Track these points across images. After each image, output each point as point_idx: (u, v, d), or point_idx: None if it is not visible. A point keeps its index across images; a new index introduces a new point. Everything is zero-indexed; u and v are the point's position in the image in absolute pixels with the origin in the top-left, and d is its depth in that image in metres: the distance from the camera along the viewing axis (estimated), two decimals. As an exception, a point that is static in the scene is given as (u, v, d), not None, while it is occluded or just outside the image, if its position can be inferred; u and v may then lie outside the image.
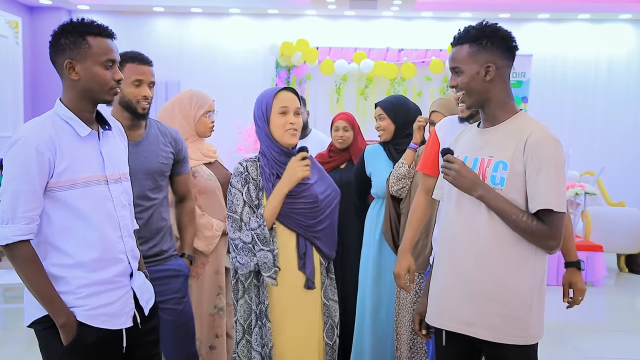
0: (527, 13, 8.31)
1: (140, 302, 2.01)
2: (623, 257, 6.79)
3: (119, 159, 2.02)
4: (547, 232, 1.84)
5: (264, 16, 8.64)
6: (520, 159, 1.86)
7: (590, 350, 4.38)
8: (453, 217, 2.01)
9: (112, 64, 1.91)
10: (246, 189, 2.29)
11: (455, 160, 1.94)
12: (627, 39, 8.56)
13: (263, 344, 2.26)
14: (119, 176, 1.98)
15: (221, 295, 2.98)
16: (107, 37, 1.92)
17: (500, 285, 1.90)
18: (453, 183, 1.94)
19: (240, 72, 8.60)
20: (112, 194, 1.94)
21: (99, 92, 1.91)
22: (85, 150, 1.90)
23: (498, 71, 1.91)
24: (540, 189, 1.82)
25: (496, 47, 1.91)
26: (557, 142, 1.86)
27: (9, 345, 4.35)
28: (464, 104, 1.98)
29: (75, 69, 1.88)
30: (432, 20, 8.58)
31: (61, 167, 1.83)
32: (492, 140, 1.94)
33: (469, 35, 1.92)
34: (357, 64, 8.24)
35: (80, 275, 1.86)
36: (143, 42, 8.60)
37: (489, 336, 1.92)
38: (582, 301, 2.45)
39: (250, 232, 2.23)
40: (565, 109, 8.48)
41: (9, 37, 6.86)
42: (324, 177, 2.43)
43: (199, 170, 2.94)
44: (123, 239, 1.95)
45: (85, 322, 1.86)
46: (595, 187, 7.23)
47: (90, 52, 1.87)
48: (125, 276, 1.96)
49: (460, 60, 1.93)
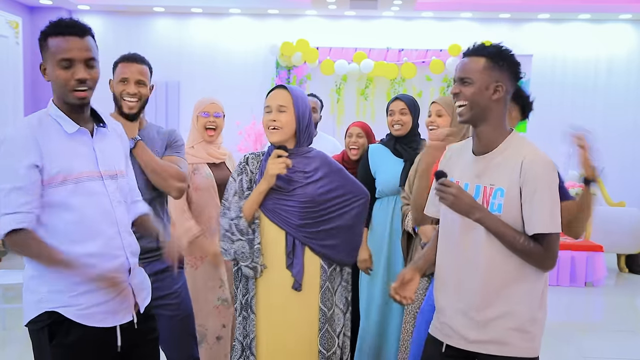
0: (527, 13, 8.30)
1: (137, 300, 2.00)
2: (623, 257, 6.79)
3: (115, 156, 2.01)
4: (544, 253, 1.88)
5: (264, 16, 8.64)
6: (516, 183, 1.88)
7: (590, 350, 4.38)
8: (451, 233, 2.02)
9: (71, 63, 1.84)
10: (239, 179, 2.35)
11: (451, 184, 1.93)
12: (627, 39, 8.56)
13: (245, 334, 2.29)
14: (114, 172, 1.97)
15: (223, 287, 3.09)
16: (70, 35, 1.84)
17: (504, 300, 1.91)
18: (451, 207, 1.93)
19: (240, 72, 8.60)
20: (108, 190, 1.93)
21: (63, 94, 1.88)
22: (75, 146, 1.89)
23: (504, 94, 1.94)
24: (535, 213, 1.85)
25: (509, 71, 1.94)
26: (549, 163, 1.89)
27: (9, 345, 4.36)
28: (462, 117, 1.96)
29: (46, 71, 1.90)
30: (432, 20, 8.58)
31: (49, 165, 1.83)
32: (490, 166, 1.94)
33: (488, 50, 1.94)
34: (357, 64, 8.23)
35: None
36: (143, 42, 8.60)
37: (498, 351, 1.93)
38: None
39: (229, 221, 2.29)
40: (565, 109, 8.47)
41: (9, 37, 6.86)
42: (335, 178, 2.37)
43: (199, 168, 3.09)
44: (120, 234, 1.94)
45: (79, 321, 1.85)
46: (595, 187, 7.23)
47: (49, 53, 1.87)
48: (123, 272, 1.93)
49: (472, 72, 1.92)
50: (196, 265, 3.08)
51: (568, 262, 6.07)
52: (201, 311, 3.05)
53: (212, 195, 3.10)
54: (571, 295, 5.80)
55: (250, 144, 8.45)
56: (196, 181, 3.07)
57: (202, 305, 3.06)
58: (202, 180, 3.08)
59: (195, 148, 3.13)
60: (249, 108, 8.27)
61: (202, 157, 3.12)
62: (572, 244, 6.06)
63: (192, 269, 3.07)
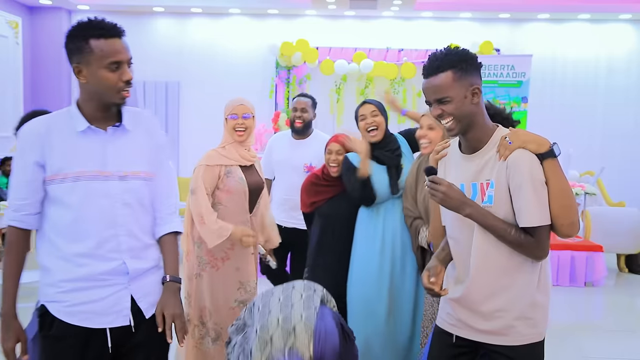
0: (527, 13, 8.31)
1: (139, 304, 1.94)
2: (623, 257, 6.78)
3: (131, 157, 1.95)
4: (535, 244, 1.91)
5: (264, 16, 8.64)
6: (504, 177, 1.90)
7: (590, 350, 4.38)
8: (451, 230, 2.07)
9: (119, 65, 1.86)
10: None
11: (441, 181, 1.94)
12: (627, 39, 8.56)
13: None
14: (125, 174, 1.93)
15: (241, 290, 3.13)
16: (112, 37, 1.86)
17: (503, 291, 1.96)
18: (441, 203, 1.97)
19: (240, 72, 8.60)
20: (111, 191, 1.90)
21: (106, 95, 1.89)
22: (82, 145, 1.89)
23: (479, 92, 1.93)
24: (523, 206, 1.87)
25: (474, 69, 1.93)
26: (532, 156, 1.89)
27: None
28: (452, 131, 1.95)
29: (82, 72, 1.87)
30: (432, 20, 8.58)
31: (52, 161, 1.86)
32: (482, 163, 1.96)
33: (450, 60, 1.90)
34: (357, 64, 8.24)
35: (64, 268, 1.87)
36: (143, 42, 8.60)
37: (504, 341, 1.96)
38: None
39: None
40: (565, 109, 8.48)
41: (9, 37, 6.87)
42: None
43: (232, 171, 3.09)
44: (118, 237, 1.90)
45: (63, 319, 1.87)
46: (595, 187, 7.23)
47: (93, 56, 1.84)
48: (118, 275, 1.90)
49: (445, 88, 1.89)
50: (217, 266, 3.10)
51: (568, 262, 6.06)
52: (219, 311, 3.09)
53: (242, 199, 3.10)
54: (571, 295, 5.80)
55: (250, 144, 8.45)
56: (228, 184, 3.07)
57: (220, 305, 3.10)
58: (235, 183, 3.08)
59: (226, 148, 3.13)
60: (248, 108, 8.28)
61: (234, 158, 3.11)
62: (572, 244, 6.06)
63: (212, 269, 3.09)
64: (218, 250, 3.06)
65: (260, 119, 8.77)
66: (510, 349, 1.96)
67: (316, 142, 3.96)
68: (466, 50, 1.96)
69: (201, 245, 3.10)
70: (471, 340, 2.03)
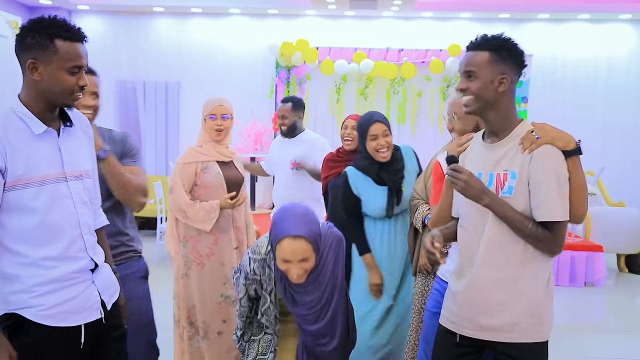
0: (527, 13, 8.31)
1: (103, 297, 1.98)
2: (623, 257, 6.78)
3: (81, 156, 1.97)
4: (552, 239, 1.92)
5: (264, 16, 8.64)
6: (526, 169, 1.92)
7: (590, 350, 4.38)
8: (465, 222, 2.07)
9: (79, 70, 1.86)
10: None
11: (462, 169, 1.97)
12: (627, 39, 8.56)
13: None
14: (79, 173, 1.94)
15: (227, 285, 3.16)
16: (77, 41, 1.85)
17: (511, 287, 1.96)
18: (461, 192, 1.98)
19: (240, 72, 8.60)
20: (72, 192, 1.90)
21: (59, 97, 1.86)
22: (41, 148, 1.86)
23: (510, 85, 1.96)
24: (544, 200, 1.89)
25: (513, 62, 1.96)
26: (559, 152, 1.92)
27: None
28: (468, 107, 2.00)
29: (38, 69, 1.82)
30: (432, 20, 8.58)
31: (14, 167, 1.79)
32: (502, 153, 1.98)
33: (491, 43, 1.96)
34: (357, 64, 8.24)
35: (35, 273, 1.83)
36: (143, 42, 8.61)
37: (510, 337, 1.97)
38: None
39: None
40: (565, 109, 8.48)
41: (9, 37, 6.86)
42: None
43: (209, 166, 3.16)
44: (83, 236, 1.92)
45: (41, 322, 1.84)
46: (595, 187, 7.24)
47: (56, 56, 1.81)
48: (85, 272, 1.93)
49: (477, 65, 1.95)
50: (202, 263, 3.14)
51: (568, 262, 6.06)
52: (206, 308, 3.13)
53: (220, 193, 3.15)
54: (571, 295, 5.80)
55: (250, 144, 8.45)
56: (205, 179, 3.13)
57: (208, 302, 3.13)
58: (211, 178, 3.14)
59: (204, 147, 3.19)
60: (249, 108, 8.27)
61: (211, 155, 3.18)
62: (572, 244, 6.06)
63: (198, 267, 3.14)
64: (202, 246, 3.13)
65: (260, 119, 8.79)
66: (516, 348, 1.96)
67: (301, 142, 4.25)
68: (513, 42, 1.98)
69: (186, 244, 3.15)
70: (476, 340, 2.03)
